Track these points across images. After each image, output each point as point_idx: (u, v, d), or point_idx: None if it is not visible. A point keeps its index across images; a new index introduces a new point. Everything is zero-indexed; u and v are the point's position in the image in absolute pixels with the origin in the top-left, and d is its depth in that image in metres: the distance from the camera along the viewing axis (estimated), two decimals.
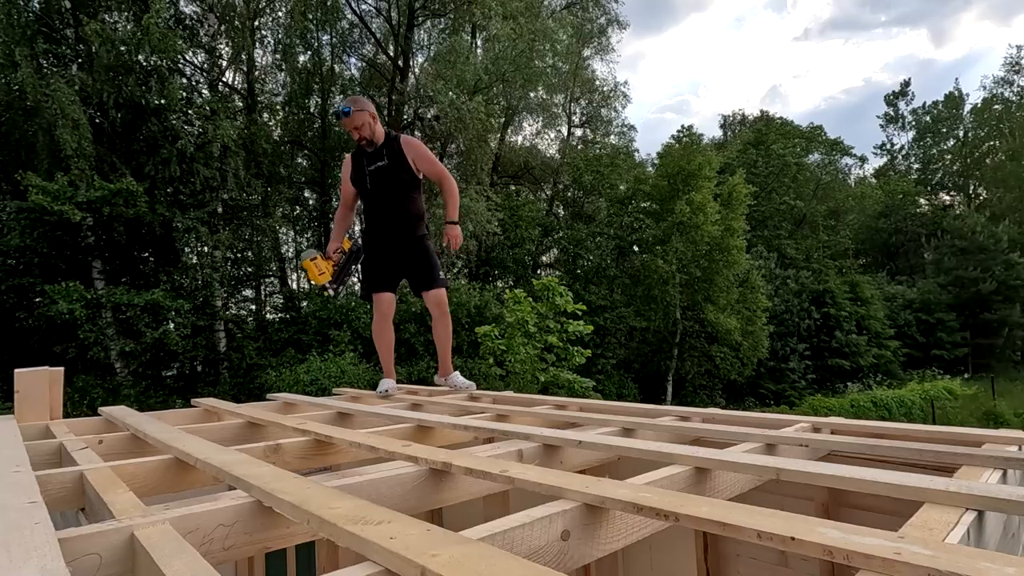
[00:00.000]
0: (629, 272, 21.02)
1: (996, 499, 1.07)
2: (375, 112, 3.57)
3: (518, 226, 19.95)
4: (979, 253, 28.53)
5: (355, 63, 20.28)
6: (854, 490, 1.24)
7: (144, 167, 13.52)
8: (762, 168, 28.75)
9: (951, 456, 1.53)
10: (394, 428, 2.25)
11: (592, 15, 23.08)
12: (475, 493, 1.54)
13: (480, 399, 3.35)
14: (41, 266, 12.72)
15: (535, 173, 23.58)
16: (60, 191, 11.79)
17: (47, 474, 1.48)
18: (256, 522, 1.19)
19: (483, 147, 17.41)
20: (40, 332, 12.47)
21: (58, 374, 2.84)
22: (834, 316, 24.62)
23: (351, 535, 0.94)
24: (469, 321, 14.89)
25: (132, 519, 1.06)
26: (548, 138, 24.40)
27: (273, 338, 15.67)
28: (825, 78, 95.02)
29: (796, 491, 1.96)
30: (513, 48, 16.88)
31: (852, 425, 2.01)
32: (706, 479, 1.46)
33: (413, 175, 3.59)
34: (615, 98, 24.06)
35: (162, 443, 1.87)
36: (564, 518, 1.09)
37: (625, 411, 2.53)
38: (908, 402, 19.36)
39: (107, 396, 12.18)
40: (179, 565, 0.86)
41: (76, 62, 13.56)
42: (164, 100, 13.53)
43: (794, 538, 0.87)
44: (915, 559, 0.77)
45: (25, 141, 13.40)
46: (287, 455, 1.92)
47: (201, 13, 15.55)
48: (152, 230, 13.47)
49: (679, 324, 20.08)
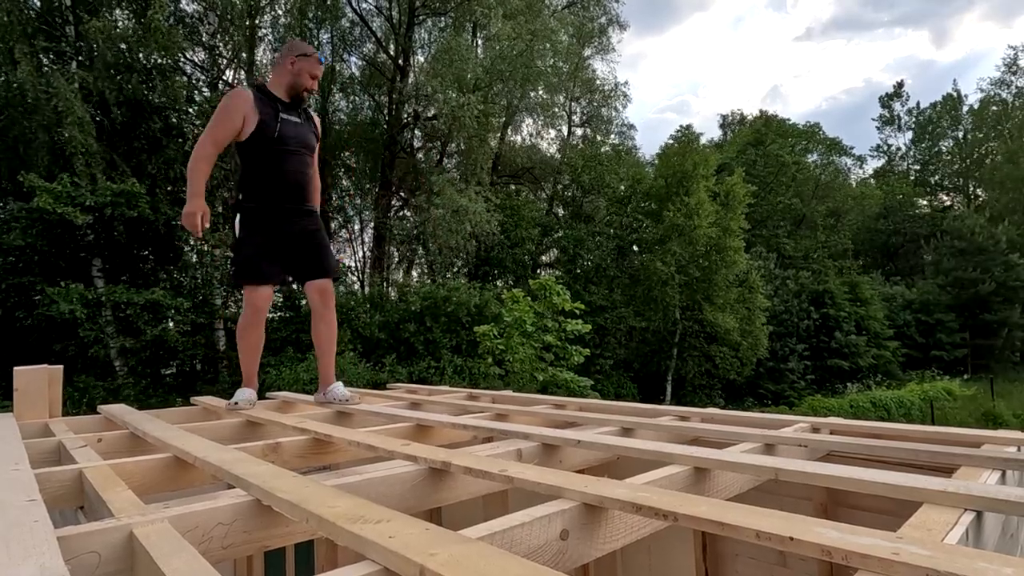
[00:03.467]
0: (629, 272, 21.01)
1: (995, 500, 1.07)
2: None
3: (518, 226, 19.94)
4: (978, 254, 28.54)
5: (355, 62, 20.27)
6: (853, 490, 1.25)
7: (145, 166, 13.51)
8: (761, 168, 28.74)
9: (950, 457, 1.53)
10: (393, 427, 2.25)
11: (593, 14, 23.07)
12: (474, 492, 1.54)
13: (479, 398, 3.35)
14: (41, 264, 12.72)
15: (535, 173, 23.56)
16: (63, 192, 11.79)
17: (46, 472, 1.48)
18: (255, 521, 1.19)
19: (483, 146, 17.39)
20: (40, 330, 12.46)
21: (57, 372, 2.85)
22: (833, 316, 24.63)
23: (350, 534, 0.94)
24: (469, 320, 14.90)
25: (131, 517, 1.06)
26: (548, 138, 24.41)
27: (272, 336, 15.66)
28: (826, 78, 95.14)
29: (795, 491, 1.96)
30: (513, 47, 16.86)
31: (851, 425, 2.01)
32: (705, 479, 1.46)
33: (314, 147, 3.13)
34: (615, 98, 24.05)
35: (161, 441, 1.87)
36: (563, 517, 1.09)
37: (624, 411, 2.53)
38: (907, 403, 19.37)
39: (107, 394, 12.18)
40: (178, 563, 0.86)
41: (76, 59, 13.55)
42: (166, 98, 13.52)
43: (792, 538, 0.87)
44: (913, 559, 0.77)
45: (24, 139, 13.39)
46: (286, 454, 1.92)
47: (202, 11, 15.54)
48: (152, 228, 13.47)
49: (678, 324, 20.08)
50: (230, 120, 2.85)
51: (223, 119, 2.86)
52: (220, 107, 2.90)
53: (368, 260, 20.73)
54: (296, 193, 3.00)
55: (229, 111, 2.86)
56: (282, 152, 2.92)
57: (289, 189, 2.97)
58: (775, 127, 32.36)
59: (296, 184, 2.99)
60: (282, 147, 2.92)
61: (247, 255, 2.95)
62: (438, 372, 14.17)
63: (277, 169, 2.93)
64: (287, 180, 2.96)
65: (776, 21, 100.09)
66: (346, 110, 20.43)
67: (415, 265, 21.73)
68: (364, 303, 16.23)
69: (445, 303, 15.10)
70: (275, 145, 2.90)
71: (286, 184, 2.96)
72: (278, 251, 3.00)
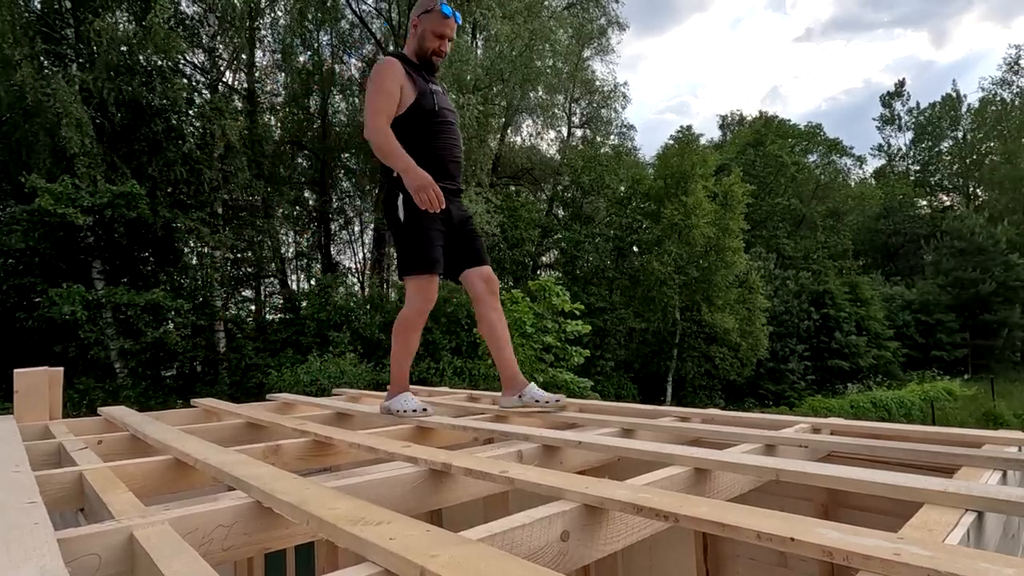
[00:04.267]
0: (628, 273, 21.02)
1: (996, 500, 1.07)
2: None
3: (517, 227, 19.96)
4: (978, 254, 28.55)
5: (355, 63, 20.30)
6: (853, 491, 1.25)
7: (145, 167, 13.53)
8: (760, 168, 28.75)
9: (950, 457, 1.53)
10: (393, 428, 2.25)
11: (592, 15, 23.08)
12: (475, 494, 1.54)
13: (479, 399, 3.35)
14: (41, 266, 12.73)
15: (535, 174, 23.57)
16: (64, 193, 11.81)
17: (46, 474, 1.48)
18: (255, 523, 1.19)
19: (483, 147, 17.40)
20: (40, 332, 12.47)
21: (57, 374, 2.85)
22: (833, 317, 24.63)
23: (351, 536, 0.94)
24: (468, 322, 14.91)
25: (131, 519, 1.06)
26: (548, 139, 24.42)
27: (272, 338, 15.68)
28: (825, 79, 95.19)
29: (795, 492, 1.96)
30: (512, 47, 16.88)
31: (851, 426, 2.01)
32: (706, 480, 1.46)
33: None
34: (615, 99, 24.06)
35: (161, 443, 1.87)
36: (564, 519, 1.09)
37: (625, 412, 2.53)
38: (908, 403, 19.37)
39: (107, 396, 12.18)
40: (178, 566, 0.86)
41: (76, 62, 13.56)
42: (166, 100, 13.54)
43: (793, 539, 0.87)
44: (914, 560, 0.77)
45: (26, 141, 13.42)
46: (286, 456, 1.92)
47: (202, 13, 15.56)
48: (152, 231, 13.48)
49: (678, 325, 20.08)
50: (392, 90, 2.54)
51: (385, 90, 2.54)
52: (376, 78, 2.57)
53: (368, 261, 20.75)
54: (455, 173, 2.70)
55: (386, 81, 2.55)
56: (440, 125, 2.63)
57: (449, 168, 2.66)
58: (775, 128, 32.39)
59: (455, 162, 2.70)
60: (441, 120, 2.63)
61: (418, 240, 2.56)
62: (438, 373, 14.18)
63: (438, 145, 2.62)
64: (447, 157, 2.65)
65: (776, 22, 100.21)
66: (346, 111, 20.45)
67: None
68: (364, 304, 16.25)
69: (445, 304, 15.11)
70: (433, 118, 2.61)
71: (446, 162, 2.64)
72: (442, 237, 2.64)
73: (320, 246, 20.15)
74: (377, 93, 2.54)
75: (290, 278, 20.05)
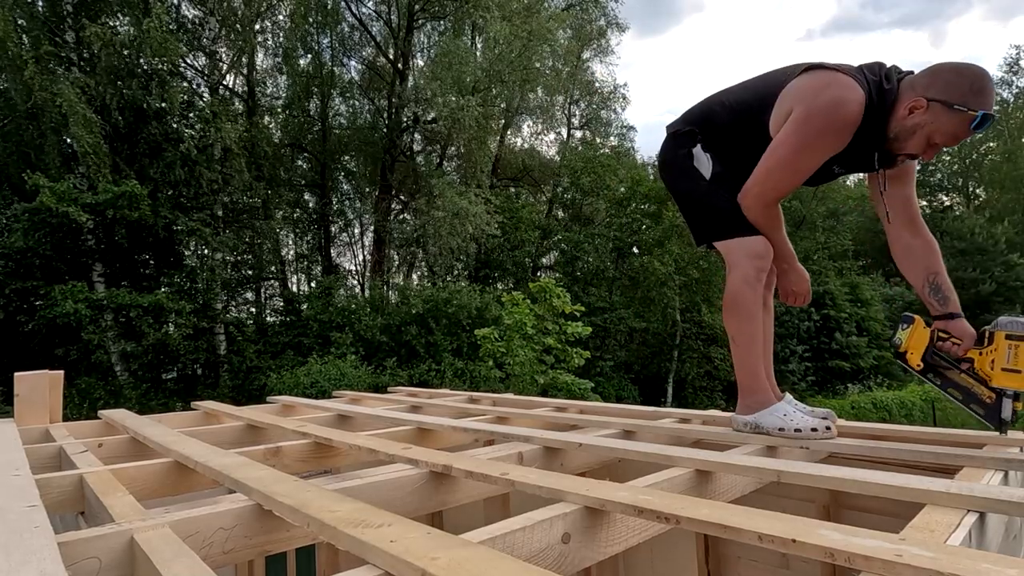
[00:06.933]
0: (628, 274, 21.01)
1: (998, 500, 1.07)
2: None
3: (517, 228, 19.96)
4: (978, 254, 28.53)
5: (355, 66, 20.34)
6: (855, 492, 1.24)
7: (147, 170, 13.55)
8: None
9: (952, 458, 1.53)
10: (394, 430, 2.24)
11: (591, 16, 23.09)
12: (476, 496, 1.54)
13: (480, 401, 3.34)
14: (42, 268, 12.73)
15: (535, 175, 23.58)
16: (67, 192, 11.82)
17: (46, 477, 1.48)
18: (256, 525, 1.19)
19: (482, 149, 17.41)
20: (41, 335, 12.47)
21: (58, 378, 2.84)
22: (834, 317, 24.60)
23: (351, 538, 0.94)
24: (469, 323, 14.90)
25: (132, 523, 1.06)
26: (547, 140, 24.44)
27: (273, 340, 15.68)
28: None
29: (797, 493, 1.96)
30: (511, 49, 16.89)
31: (853, 427, 2.00)
32: (707, 481, 1.46)
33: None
34: (615, 100, 24.08)
35: (162, 446, 1.87)
36: (565, 521, 1.09)
37: (625, 413, 2.53)
38: (909, 403, 19.35)
39: (108, 399, 12.18)
40: (179, 569, 0.86)
41: (77, 65, 13.59)
42: (165, 104, 13.57)
43: (795, 540, 0.87)
44: (916, 561, 0.77)
45: (32, 143, 13.45)
46: (287, 458, 1.92)
47: (202, 16, 15.59)
48: (153, 233, 13.49)
49: (678, 326, 20.07)
50: (831, 146, 1.86)
51: (823, 135, 1.84)
52: (818, 115, 1.82)
53: (368, 263, 20.76)
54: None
55: (830, 127, 1.83)
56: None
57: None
58: None
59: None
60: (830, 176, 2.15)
61: (732, 196, 2.07)
62: (439, 375, 14.17)
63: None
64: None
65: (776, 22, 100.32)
66: (346, 114, 20.50)
67: (415, 268, 21.76)
68: (365, 306, 16.25)
69: (446, 306, 15.11)
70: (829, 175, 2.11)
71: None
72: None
73: (320, 248, 20.16)
74: (806, 147, 1.85)
75: (290, 280, 20.07)
